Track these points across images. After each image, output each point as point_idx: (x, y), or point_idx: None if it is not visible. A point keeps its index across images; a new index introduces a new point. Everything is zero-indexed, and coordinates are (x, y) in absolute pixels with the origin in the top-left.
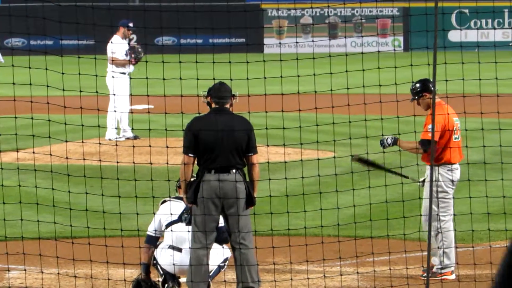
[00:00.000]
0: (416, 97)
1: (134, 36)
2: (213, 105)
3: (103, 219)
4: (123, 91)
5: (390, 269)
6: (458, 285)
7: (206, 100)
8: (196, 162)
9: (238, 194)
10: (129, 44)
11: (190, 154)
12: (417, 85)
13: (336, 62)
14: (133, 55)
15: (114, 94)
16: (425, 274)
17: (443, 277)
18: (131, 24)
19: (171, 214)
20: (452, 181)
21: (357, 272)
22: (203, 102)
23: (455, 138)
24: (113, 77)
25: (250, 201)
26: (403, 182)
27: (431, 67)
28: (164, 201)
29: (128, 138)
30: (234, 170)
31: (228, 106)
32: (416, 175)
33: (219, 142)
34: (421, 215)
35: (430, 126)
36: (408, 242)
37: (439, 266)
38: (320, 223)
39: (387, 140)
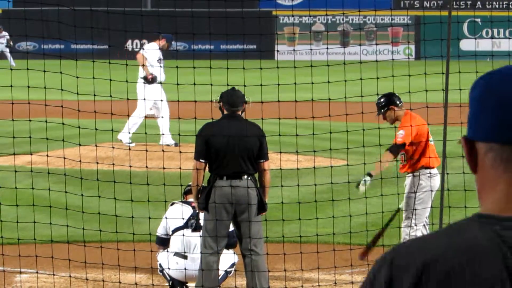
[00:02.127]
0: (382, 111)
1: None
2: (225, 112)
3: (115, 223)
4: (157, 97)
5: None
6: None
7: (218, 105)
8: (207, 168)
9: (250, 200)
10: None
11: (201, 160)
12: (382, 99)
13: (349, 69)
14: (153, 75)
15: (145, 99)
16: None
17: None
18: (172, 42)
19: (182, 218)
20: (431, 190)
21: None
22: (215, 107)
23: (430, 141)
24: (149, 81)
25: (262, 207)
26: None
27: (445, 76)
28: (173, 203)
29: (167, 145)
30: (245, 176)
31: (240, 113)
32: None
33: (230, 148)
34: (399, 227)
35: (400, 132)
36: None
37: None
38: (331, 231)
39: (361, 183)
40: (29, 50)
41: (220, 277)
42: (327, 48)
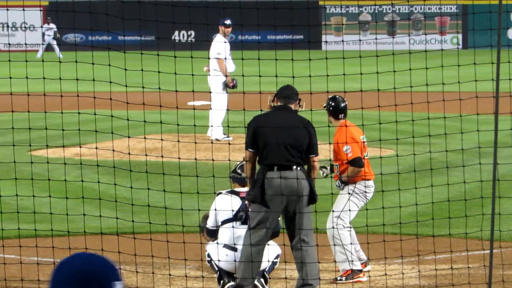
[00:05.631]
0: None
1: (233, 36)
2: (278, 103)
3: (164, 214)
4: (220, 89)
5: (451, 267)
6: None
7: (272, 104)
8: (258, 159)
9: (302, 191)
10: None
11: (251, 150)
12: (330, 104)
13: (397, 59)
14: (234, 83)
15: (228, 93)
16: (338, 278)
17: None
18: (227, 22)
19: (232, 210)
20: (366, 197)
21: (418, 271)
22: (269, 106)
23: (365, 156)
24: (229, 87)
25: (312, 198)
26: (465, 181)
27: (494, 66)
28: (220, 193)
29: (217, 140)
30: (295, 167)
31: (292, 105)
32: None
33: (279, 139)
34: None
35: (346, 148)
36: (469, 241)
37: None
38: (381, 221)
39: (325, 172)
40: (76, 42)
41: (268, 268)
42: (376, 39)
